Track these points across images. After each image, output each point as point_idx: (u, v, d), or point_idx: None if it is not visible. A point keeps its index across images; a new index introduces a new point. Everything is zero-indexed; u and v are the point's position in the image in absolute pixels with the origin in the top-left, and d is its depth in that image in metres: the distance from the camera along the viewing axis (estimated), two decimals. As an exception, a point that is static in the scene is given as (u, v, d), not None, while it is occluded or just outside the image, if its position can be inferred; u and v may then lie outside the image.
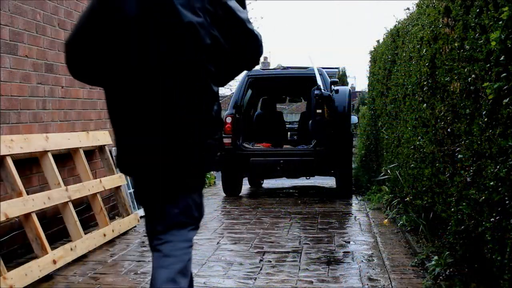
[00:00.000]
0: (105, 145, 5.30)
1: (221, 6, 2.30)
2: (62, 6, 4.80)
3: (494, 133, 2.60)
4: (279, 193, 8.45)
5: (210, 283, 3.56)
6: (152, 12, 2.20)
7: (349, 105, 7.52)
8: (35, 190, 4.19)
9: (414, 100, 4.68)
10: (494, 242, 2.61)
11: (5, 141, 3.65)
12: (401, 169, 5.46)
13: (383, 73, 6.98)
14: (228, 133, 7.55)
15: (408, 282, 3.51)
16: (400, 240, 4.74)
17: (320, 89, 7.09)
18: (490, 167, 2.63)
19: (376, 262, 4.04)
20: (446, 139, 3.66)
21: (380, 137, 7.42)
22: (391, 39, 6.49)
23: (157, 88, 2.22)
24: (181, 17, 2.20)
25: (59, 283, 3.58)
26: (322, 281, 3.58)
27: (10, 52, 4.01)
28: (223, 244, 4.67)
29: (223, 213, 6.48)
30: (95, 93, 5.43)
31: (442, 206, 3.87)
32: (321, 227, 5.41)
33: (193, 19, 2.22)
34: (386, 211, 5.98)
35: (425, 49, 4.20)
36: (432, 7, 4.10)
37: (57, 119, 4.70)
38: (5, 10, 3.96)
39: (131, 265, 3.98)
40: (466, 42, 3.07)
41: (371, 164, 8.69)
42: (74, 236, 4.22)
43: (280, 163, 7.43)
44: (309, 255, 4.23)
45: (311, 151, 7.46)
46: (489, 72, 2.70)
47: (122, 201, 5.30)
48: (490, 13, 2.65)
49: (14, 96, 4.07)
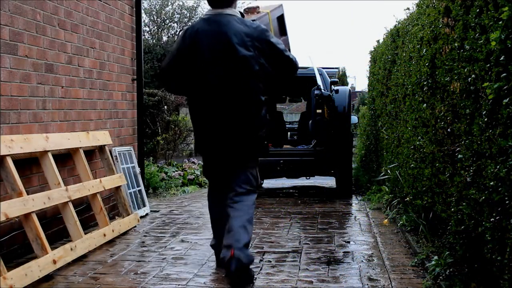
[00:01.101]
0: (105, 145, 5.30)
1: (266, 43, 3.50)
2: (62, 6, 4.80)
3: (494, 133, 2.60)
4: (279, 193, 8.45)
5: (210, 283, 3.56)
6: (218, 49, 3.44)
7: (349, 105, 7.52)
8: (35, 190, 4.19)
9: (414, 100, 4.68)
10: (494, 242, 2.61)
11: (5, 141, 3.65)
12: (401, 169, 5.46)
13: (383, 73, 6.98)
14: None
15: (408, 282, 3.51)
16: (400, 240, 4.74)
17: (320, 89, 7.09)
18: (490, 167, 2.63)
19: (376, 262, 4.04)
20: (446, 139, 3.66)
21: (380, 137, 7.42)
22: (391, 39, 6.49)
23: (226, 99, 3.47)
24: (236, 51, 3.41)
25: (59, 283, 3.58)
26: (322, 281, 3.58)
27: (10, 52, 4.01)
28: (223, 244, 4.67)
29: (223, 213, 6.47)
30: (95, 93, 5.44)
31: (442, 206, 3.87)
32: (321, 227, 5.41)
33: (246, 53, 3.42)
34: (386, 211, 5.99)
35: (425, 49, 4.20)
36: (432, 7, 4.10)
37: (57, 119, 4.70)
38: (5, 10, 3.96)
39: (131, 265, 3.98)
40: (466, 42, 3.07)
41: (371, 164, 8.69)
42: (74, 236, 4.22)
43: (280, 163, 7.42)
44: (309, 255, 4.23)
45: (311, 151, 7.45)
46: (489, 72, 2.70)
47: (122, 201, 5.30)
48: (490, 13, 2.65)
49: (14, 96, 4.07)
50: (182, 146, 13.85)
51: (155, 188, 8.45)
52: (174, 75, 3.62)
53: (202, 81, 3.48)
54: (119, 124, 6.03)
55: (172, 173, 9.44)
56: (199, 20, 3.61)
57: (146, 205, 6.21)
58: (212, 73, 3.44)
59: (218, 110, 3.48)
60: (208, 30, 3.48)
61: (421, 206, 4.56)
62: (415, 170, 4.68)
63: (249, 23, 3.53)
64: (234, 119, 3.48)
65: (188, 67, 3.52)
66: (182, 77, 3.59)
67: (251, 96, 3.50)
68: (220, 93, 3.46)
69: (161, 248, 4.51)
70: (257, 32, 3.49)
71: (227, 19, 3.48)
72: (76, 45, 5.04)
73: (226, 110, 3.47)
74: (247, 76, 3.45)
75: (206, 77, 3.46)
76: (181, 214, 6.24)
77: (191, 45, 3.49)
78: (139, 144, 6.57)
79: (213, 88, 3.46)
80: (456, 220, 3.31)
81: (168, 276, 3.70)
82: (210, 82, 3.45)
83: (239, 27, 3.46)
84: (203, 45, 3.45)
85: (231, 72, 3.43)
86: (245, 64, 3.43)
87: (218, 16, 3.51)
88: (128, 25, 6.31)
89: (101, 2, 5.61)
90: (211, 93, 3.47)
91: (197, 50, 3.47)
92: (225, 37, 3.43)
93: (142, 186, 6.22)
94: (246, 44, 3.42)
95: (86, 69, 5.25)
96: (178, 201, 7.46)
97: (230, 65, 3.42)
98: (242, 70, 3.43)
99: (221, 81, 3.44)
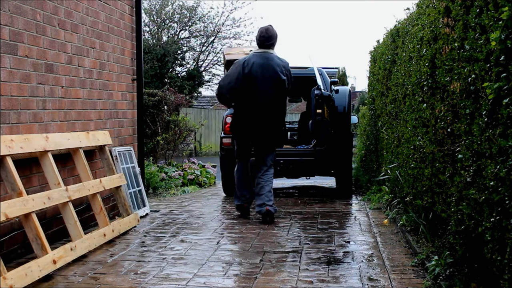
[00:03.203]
0: (105, 145, 5.30)
1: (289, 72, 5.70)
2: (62, 6, 4.80)
3: (494, 133, 2.60)
4: (279, 193, 8.44)
5: (210, 283, 3.57)
6: (267, 75, 5.51)
7: (349, 105, 7.52)
8: (35, 190, 4.20)
9: (414, 100, 4.68)
10: (494, 242, 2.61)
11: (5, 141, 3.65)
12: (401, 169, 5.46)
13: (383, 73, 6.98)
14: (228, 133, 7.52)
15: (408, 282, 3.51)
16: (400, 240, 4.74)
17: (320, 89, 7.09)
18: (490, 167, 2.63)
19: (376, 262, 4.04)
20: (446, 139, 3.66)
21: (380, 137, 7.42)
22: (391, 39, 6.49)
23: (269, 108, 5.59)
24: (279, 76, 5.55)
25: (59, 283, 3.58)
26: (322, 281, 3.58)
27: (10, 52, 4.01)
28: (223, 244, 4.67)
29: (223, 213, 6.48)
30: (95, 93, 5.44)
31: (442, 206, 3.87)
32: (321, 227, 5.41)
33: (283, 78, 5.55)
34: (386, 211, 5.99)
35: (425, 49, 4.20)
36: (432, 7, 4.10)
37: (57, 119, 4.70)
38: (5, 10, 3.96)
39: (131, 265, 3.99)
40: (466, 42, 3.07)
41: (371, 164, 8.69)
42: (74, 236, 4.22)
43: (280, 163, 7.42)
44: (309, 255, 4.23)
45: (311, 151, 7.45)
46: (489, 72, 2.70)
47: (122, 201, 5.31)
48: (490, 13, 2.65)
49: (14, 96, 4.07)
50: (182, 146, 13.85)
51: (155, 188, 8.45)
52: (232, 90, 5.60)
53: (255, 95, 5.55)
54: (119, 124, 6.03)
55: (172, 173, 9.45)
56: (252, 55, 5.66)
57: (146, 205, 6.21)
58: (264, 90, 5.54)
59: (263, 113, 5.61)
60: (261, 63, 5.57)
61: (421, 206, 4.56)
62: (415, 170, 4.68)
63: (282, 59, 5.75)
64: (272, 120, 5.67)
65: (247, 86, 5.54)
66: (240, 92, 5.58)
67: (283, 105, 5.75)
68: (268, 104, 5.60)
69: (161, 248, 4.51)
70: (286, 64, 5.72)
71: (271, 56, 5.65)
72: (76, 45, 5.04)
73: (268, 114, 5.63)
74: (283, 92, 5.65)
75: (258, 93, 5.54)
76: (181, 214, 6.24)
77: (250, 71, 5.52)
78: (139, 144, 6.57)
79: (264, 100, 5.56)
80: (456, 220, 3.31)
81: (168, 276, 3.70)
82: (261, 95, 5.54)
83: (278, 62, 5.64)
84: (257, 72, 5.53)
85: (275, 90, 5.58)
86: (282, 85, 5.61)
87: (265, 53, 5.66)
88: (128, 25, 6.31)
89: (101, 2, 5.61)
90: (262, 103, 5.57)
91: (254, 75, 5.53)
92: (272, 67, 5.58)
93: (142, 186, 6.22)
94: (283, 72, 5.62)
95: (86, 69, 5.25)
96: (178, 201, 7.46)
97: (275, 85, 5.58)
98: (281, 89, 5.62)
99: (269, 96, 5.58)
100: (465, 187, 3.14)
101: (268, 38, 5.64)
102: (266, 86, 5.49)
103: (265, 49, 5.66)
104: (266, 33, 5.65)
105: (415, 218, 4.71)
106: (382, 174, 6.56)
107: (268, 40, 5.65)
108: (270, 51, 5.65)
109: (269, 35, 5.64)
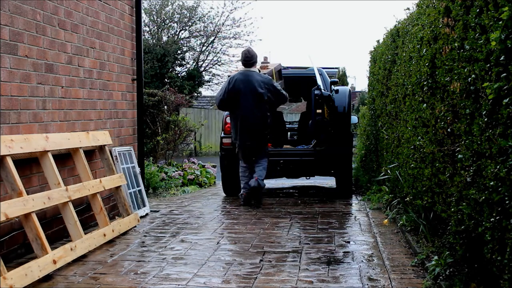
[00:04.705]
0: (105, 145, 5.30)
1: (271, 85, 6.86)
2: (62, 6, 4.80)
3: (494, 133, 2.60)
4: (279, 193, 8.45)
5: (210, 283, 3.57)
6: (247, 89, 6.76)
7: (349, 105, 7.52)
8: (35, 190, 4.20)
9: (414, 100, 4.68)
10: (494, 242, 2.61)
11: (5, 141, 3.65)
12: (401, 169, 5.46)
13: (383, 73, 6.98)
14: (228, 133, 7.52)
15: (408, 282, 3.51)
16: (400, 240, 4.75)
17: (320, 89, 7.09)
18: (490, 167, 2.63)
19: (376, 262, 4.04)
20: (446, 139, 3.66)
21: (380, 137, 7.42)
22: (391, 39, 6.49)
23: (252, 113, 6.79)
24: (257, 90, 6.76)
25: (59, 283, 3.58)
26: (322, 281, 3.58)
27: (10, 52, 4.01)
28: (223, 244, 4.67)
29: (223, 213, 6.48)
30: (95, 93, 5.44)
31: (442, 206, 3.87)
32: (321, 227, 5.41)
33: (261, 91, 6.77)
34: (386, 211, 5.99)
35: (425, 49, 4.20)
36: (432, 7, 4.10)
37: (57, 119, 4.70)
38: (5, 10, 3.96)
39: (131, 265, 3.99)
40: (466, 42, 3.07)
41: (371, 164, 8.69)
42: (74, 236, 4.22)
43: (280, 163, 7.42)
44: (309, 255, 4.24)
45: (311, 151, 7.45)
46: (489, 72, 2.70)
47: (122, 201, 5.31)
48: (490, 13, 2.65)
49: (14, 96, 4.07)
50: (182, 146, 13.83)
51: (155, 188, 8.45)
52: (222, 101, 6.91)
53: (239, 104, 6.78)
54: (119, 124, 6.03)
55: (172, 173, 9.44)
56: (237, 73, 6.89)
57: (146, 205, 6.21)
58: (245, 100, 6.75)
59: (248, 119, 6.79)
60: (242, 79, 6.78)
61: (421, 206, 4.56)
62: (415, 170, 4.68)
63: (262, 75, 6.93)
64: (255, 124, 6.82)
65: (233, 97, 6.79)
66: (228, 102, 6.86)
67: (263, 112, 6.84)
68: (249, 111, 6.77)
69: (161, 248, 4.51)
70: (266, 79, 6.87)
71: (251, 73, 6.83)
72: (76, 45, 5.04)
73: (251, 119, 6.79)
74: (261, 102, 6.79)
75: (241, 102, 6.77)
76: (181, 214, 6.24)
77: (233, 86, 6.78)
78: (139, 144, 6.57)
79: (245, 108, 6.77)
80: (456, 220, 3.32)
81: (168, 276, 3.70)
82: (243, 104, 6.76)
83: (258, 78, 6.81)
84: (239, 86, 6.76)
85: (254, 100, 6.75)
86: (260, 96, 6.76)
87: (247, 71, 6.87)
88: (128, 25, 6.31)
89: (101, 2, 5.61)
90: (244, 110, 6.77)
91: (237, 89, 6.77)
92: (251, 83, 6.75)
93: (142, 186, 6.22)
94: (261, 86, 6.77)
95: (86, 69, 5.25)
96: (178, 201, 7.46)
97: (254, 97, 6.75)
98: (259, 99, 6.77)
99: (249, 104, 6.76)
100: (465, 187, 3.14)
101: (250, 58, 6.93)
102: (247, 97, 6.73)
103: (248, 68, 6.92)
104: (249, 54, 6.97)
105: (415, 218, 4.71)
106: (382, 174, 6.56)
107: (250, 60, 6.93)
108: (252, 69, 6.92)
109: (251, 55, 6.95)
